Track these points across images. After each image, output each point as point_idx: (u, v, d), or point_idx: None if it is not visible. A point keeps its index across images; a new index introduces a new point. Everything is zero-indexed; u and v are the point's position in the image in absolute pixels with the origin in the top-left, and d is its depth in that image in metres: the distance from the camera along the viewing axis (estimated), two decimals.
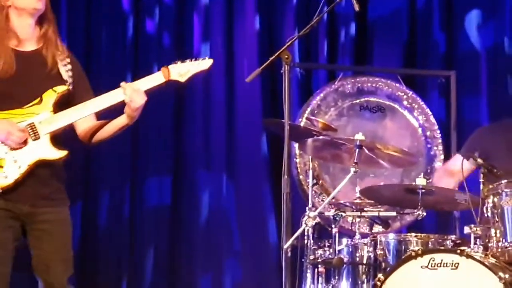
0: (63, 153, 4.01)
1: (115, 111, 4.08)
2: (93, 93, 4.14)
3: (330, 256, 4.99)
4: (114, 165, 6.47)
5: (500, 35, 6.80)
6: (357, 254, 5.02)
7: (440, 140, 6.59)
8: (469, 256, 4.43)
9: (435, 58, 6.88)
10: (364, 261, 5.00)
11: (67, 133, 4.10)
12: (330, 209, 5.12)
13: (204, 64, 4.12)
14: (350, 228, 5.30)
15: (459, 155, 5.32)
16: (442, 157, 6.50)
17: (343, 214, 5.06)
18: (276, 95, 6.46)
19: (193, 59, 4.12)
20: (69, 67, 4.11)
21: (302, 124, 6.23)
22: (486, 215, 4.64)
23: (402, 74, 6.64)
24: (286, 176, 4.05)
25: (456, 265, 4.45)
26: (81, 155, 6.16)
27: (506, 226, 4.54)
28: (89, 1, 6.55)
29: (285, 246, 4.05)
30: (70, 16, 6.44)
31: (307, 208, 4.97)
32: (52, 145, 3.98)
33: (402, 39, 6.90)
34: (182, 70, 4.08)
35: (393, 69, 6.76)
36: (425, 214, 4.92)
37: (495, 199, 4.61)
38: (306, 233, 4.99)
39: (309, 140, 5.03)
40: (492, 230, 4.58)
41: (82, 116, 4.04)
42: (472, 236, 4.60)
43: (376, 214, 5.19)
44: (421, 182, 4.90)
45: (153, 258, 6.47)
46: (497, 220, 4.58)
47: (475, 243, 4.59)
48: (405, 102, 6.60)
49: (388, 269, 4.73)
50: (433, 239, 4.92)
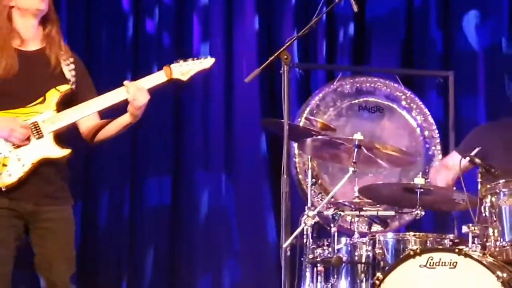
0: (67, 152, 4.01)
1: (118, 110, 4.09)
2: (96, 93, 4.14)
3: (329, 255, 4.97)
4: (114, 165, 6.47)
5: (498, 35, 6.82)
6: (356, 253, 5.02)
7: (438, 140, 6.61)
8: (467, 255, 4.43)
9: (433, 57, 6.89)
10: (363, 260, 5.00)
11: (70, 132, 4.10)
12: (329, 209, 5.10)
13: (206, 63, 4.13)
14: (349, 227, 5.31)
15: (456, 152, 5.34)
16: (440, 157, 6.49)
17: (342, 213, 5.04)
18: (275, 95, 6.47)
19: (195, 58, 4.13)
20: (72, 67, 4.12)
21: (301, 124, 6.22)
22: (484, 215, 4.63)
23: (401, 74, 6.65)
24: (285, 176, 4.06)
25: (454, 264, 4.44)
26: (81, 155, 6.15)
27: (504, 226, 4.54)
28: (89, 1, 6.56)
29: (284, 245, 4.07)
30: (70, 16, 6.44)
31: (306, 208, 4.97)
32: (56, 144, 3.99)
33: (400, 39, 6.91)
34: (184, 69, 4.09)
35: (392, 69, 6.77)
36: (424, 214, 4.93)
37: (493, 199, 4.61)
38: (305, 232, 4.99)
39: (308, 140, 5.03)
40: (490, 230, 4.58)
41: (85, 115, 4.05)
42: (470, 236, 4.60)
43: (375, 214, 5.20)
44: (420, 182, 4.91)
45: (153, 258, 6.47)
46: (495, 220, 4.58)
47: (473, 242, 4.59)
48: (404, 102, 6.61)
49: (387, 268, 4.74)
50: (432, 238, 4.93)
